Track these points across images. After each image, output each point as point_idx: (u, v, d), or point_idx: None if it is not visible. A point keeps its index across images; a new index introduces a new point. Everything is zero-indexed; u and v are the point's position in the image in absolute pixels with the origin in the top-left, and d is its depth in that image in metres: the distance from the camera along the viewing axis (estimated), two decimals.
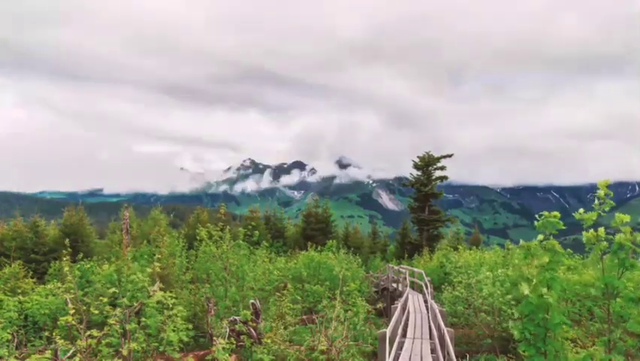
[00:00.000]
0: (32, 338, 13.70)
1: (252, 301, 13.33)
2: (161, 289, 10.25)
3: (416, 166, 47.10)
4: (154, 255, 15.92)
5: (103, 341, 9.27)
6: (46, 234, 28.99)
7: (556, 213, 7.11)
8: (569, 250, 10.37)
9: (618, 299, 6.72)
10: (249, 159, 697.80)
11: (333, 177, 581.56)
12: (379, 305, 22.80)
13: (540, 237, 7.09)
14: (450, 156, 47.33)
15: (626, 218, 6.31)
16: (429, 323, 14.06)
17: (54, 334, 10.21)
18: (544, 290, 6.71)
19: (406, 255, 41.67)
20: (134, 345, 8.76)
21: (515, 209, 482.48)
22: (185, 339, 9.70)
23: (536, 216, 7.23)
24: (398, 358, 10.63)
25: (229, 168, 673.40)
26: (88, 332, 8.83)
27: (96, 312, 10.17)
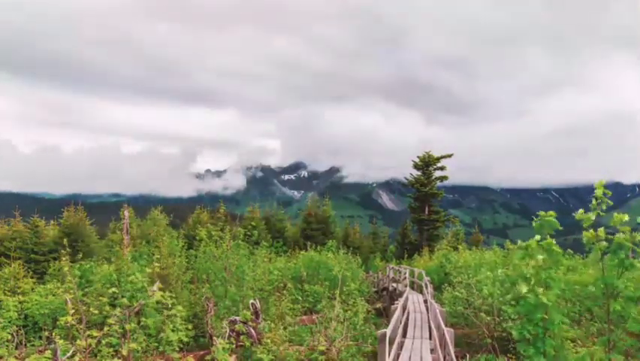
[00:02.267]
0: (32, 338, 13.70)
1: (252, 301, 13.33)
2: (160, 290, 10.27)
3: (416, 166, 47.13)
4: (154, 255, 15.92)
5: (103, 341, 9.28)
6: (46, 234, 28.96)
7: (552, 212, 7.11)
8: (569, 250, 10.36)
9: (618, 299, 6.73)
10: (250, 158, 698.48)
11: (333, 177, 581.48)
12: (379, 305, 22.83)
13: (538, 237, 7.10)
14: (450, 156, 47.36)
15: (624, 217, 6.31)
16: (429, 323, 14.06)
17: (54, 334, 10.22)
18: (541, 290, 6.72)
19: (406, 255, 41.67)
20: (133, 345, 8.77)
21: (515, 209, 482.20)
22: (185, 339, 9.71)
23: (534, 217, 7.23)
24: (398, 358, 10.63)
25: (229, 168, 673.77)
26: (88, 332, 8.84)
27: (96, 312, 10.18)
